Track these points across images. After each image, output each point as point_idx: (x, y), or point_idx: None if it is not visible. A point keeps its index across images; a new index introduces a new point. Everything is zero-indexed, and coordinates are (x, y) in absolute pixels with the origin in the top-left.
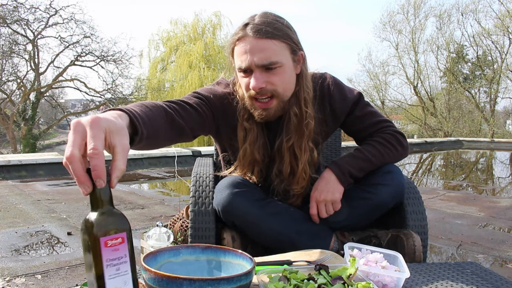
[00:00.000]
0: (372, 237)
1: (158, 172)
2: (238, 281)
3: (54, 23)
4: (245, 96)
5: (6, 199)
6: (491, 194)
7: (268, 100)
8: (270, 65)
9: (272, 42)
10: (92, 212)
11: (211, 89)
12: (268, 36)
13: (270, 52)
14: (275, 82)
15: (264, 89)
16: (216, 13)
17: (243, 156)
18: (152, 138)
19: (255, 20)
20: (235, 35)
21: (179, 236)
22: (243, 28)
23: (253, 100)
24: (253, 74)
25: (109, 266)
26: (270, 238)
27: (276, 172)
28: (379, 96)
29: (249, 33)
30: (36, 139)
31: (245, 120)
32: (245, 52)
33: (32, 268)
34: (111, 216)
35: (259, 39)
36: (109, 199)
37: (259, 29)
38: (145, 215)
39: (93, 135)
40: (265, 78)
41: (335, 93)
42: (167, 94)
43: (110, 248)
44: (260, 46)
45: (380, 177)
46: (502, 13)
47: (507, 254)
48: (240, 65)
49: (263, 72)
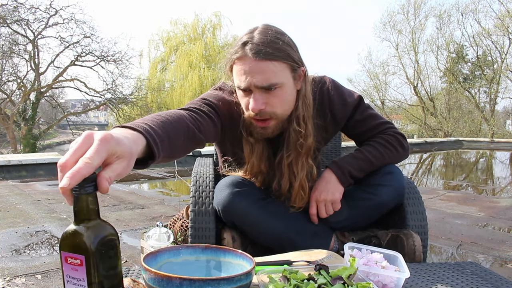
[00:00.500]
0: (372, 237)
1: (158, 172)
2: (238, 281)
3: (54, 23)
4: (245, 113)
5: (6, 199)
6: (491, 194)
7: (266, 120)
8: (269, 86)
9: (272, 64)
10: (74, 223)
11: (218, 96)
12: (268, 58)
13: (269, 74)
14: (274, 103)
15: (263, 111)
16: (216, 13)
17: (250, 169)
18: (168, 157)
19: (254, 39)
20: (234, 54)
21: (179, 236)
22: (241, 47)
23: (252, 119)
24: (252, 95)
25: (69, 283)
26: (270, 238)
27: (276, 186)
28: (379, 96)
29: (248, 54)
30: (36, 139)
31: (249, 135)
32: (244, 73)
33: (32, 268)
34: (81, 233)
35: (259, 60)
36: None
37: (259, 50)
38: (145, 215)
39: (96, 150)
40: (265, 99)
41: (335, 97)
42: (167, 94)
43: (69, 265)
44: (260, 68)
45: (381, 177)
46: (502, 13)
47: (507, 254)
48: (239, 85)
49: (262, 93)
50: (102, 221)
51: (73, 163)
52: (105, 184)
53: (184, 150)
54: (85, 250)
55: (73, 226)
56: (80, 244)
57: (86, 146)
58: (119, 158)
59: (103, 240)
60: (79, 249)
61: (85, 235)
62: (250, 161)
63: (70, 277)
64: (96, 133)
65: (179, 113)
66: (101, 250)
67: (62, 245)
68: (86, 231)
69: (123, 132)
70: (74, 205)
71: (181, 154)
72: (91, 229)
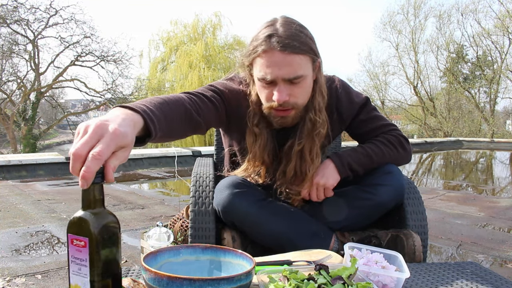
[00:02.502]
0: (372, 237)
1: (158, 172)
2: (238, 281)
3: (54, 23)
4: (264, 104)
5: (6, 199)
6: (491, 194)
7: (288, 110)
8: (295, 79)
9: (298, 57)
10: (81, 209)
11: (226, 84)
12: (295, 51)
13: (295, 67)
14: (297, 94)
15: (286, 102)
16: (216, 13)
17: (252, 159)
18: (165, 136)
19: (279, 32)
20: (258, 46)
21: (179, 236)
22: (267, 40)
23: (271, 109)
24: (277, 87)
25: (73, 263)
26: (270, 238)
27: (281, 173)
28: (379, 96)
29: (275, 47)
30: (36, 139)
31: (255, 125)
32: (272, 65)
33: (32, 268)
34: (86, 218)
35: (286, 54)
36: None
37: (286, 43)
38: (145, 215)
39: (108, 146)
40: (288, 90)
41: (342, 96)
42: (167, 94)
43: (74, 246)
44: (288, 61)
45: (380, 177)
46: (502, 13)
47: (507, 254)
48: (265, 77)
49: (286, 84)
50: (106, 210)
51: (86, 154)
52: (111, 174)
53: (182, 132)
54: (89, 233)
55: (80, 212)
56: (85, 228)
57: (97, 137)
58: (123, 147)
59: (106, 226)
60: (84, 232)
61: (89, 220)
62: (253, 151)
63: (75, 258)
64: (108, 126)
65: (178, 96)
66: (103, 235)
67: (69, 227)
68: (91, 217)
69: (123, 113)
70: (82, 193)
71: (178, 135)
72: (95, 215)
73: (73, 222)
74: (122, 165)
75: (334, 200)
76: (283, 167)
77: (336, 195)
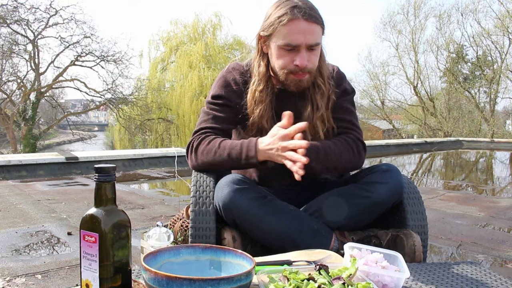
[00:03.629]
0: (372, 237)
1: (158, 172)
2: (238, 281)
3: (54, 23)
4: (282, 70)
5: (6, 199)
6: (491, 194)
7: (305, 73)
8: (315, 45)
9: (318, 27)
10: (94, 206)
11: (227, 81)
12: (316, 21)
13: (316, 35)
14: (314, 61)
15: (306, 67)
16: (216, 13)
17: (252, 124)
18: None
19: (300, 4)
20: (283, 16)
21: (179, 236)
22: (292, 10)
23: (289, 74)
24: (299, 53)
25: (84, 258)
26: (270, 236)
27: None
28: (379, 96)
29: (300, 16)
30: (36, 139)
31: (259, 92)
32: (298, 32)
33: (32, 268)
34: (97, 215)
35: (310, 23)
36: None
37: (310, 14)
38: (145, 215)
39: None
40: (307, 56)
41: (335, 78)
42: (167, 94)
43: (86, 242)
44: (311, 29)
45: (378, 175)
46: (502, 13)
47: (507, 254)
48: (290, 43)
49: (307, 51)
50: (117, 208)
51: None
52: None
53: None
54: (99, 230)
55: (93, 209)
56: (96, 224)
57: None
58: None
59: (116, 223)
60: (95, 229)
61: (100, 217)
62: (252, 117)
63: (86, 253)
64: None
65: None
66: (113, 231)
67: (82, 224)
68: (102, 214)
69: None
70: (95, 191)
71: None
72: (106, 212)
73: (85, 219)
74: (122, 165)
75: (332, 198)
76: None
77: (335, 194)
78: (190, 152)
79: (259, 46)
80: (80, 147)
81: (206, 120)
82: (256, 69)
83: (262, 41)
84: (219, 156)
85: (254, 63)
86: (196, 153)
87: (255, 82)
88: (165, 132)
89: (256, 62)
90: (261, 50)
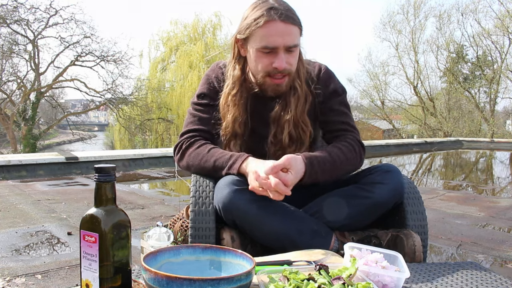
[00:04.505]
0: (372, 237)
1: (158, 172)
2: (238, 281)
3: (54, 23)
4: (259, 74)
5: (6, 199)
6: (491, 194)
7: (282, 77)
8: (293, 47)
9: (295, 28)
10: (94, 206)
11: (209, 79)
12: (293, 22)
13: (294, 36)
14: (292, 62)
15: (285, 69)
16: (216, 13)
17: (225, 129)
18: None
19: (276, 6)
20: (260, 18)
21: (179, 236)
22: (268, 12)
23: (267, 77)
24: (278, 55)
25: (84, 258)
26: (270, 236)
27: (272, 139)
28: (379, 96)
29: (276, 18)
30: (36, 139)
31: (232, 96)
32: (275, 34)
33: (32, 268)
34: (97, 215)
35: (287, 24)
36: (104, 199)
37: (286, 15)
38: (145, 215)
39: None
40: (286, 58)
41: (322, 78)
42: (167, 94)
43: (86, 242)
44: (288, 30)
45: (379, 176)
46: (502, 13)
47: (507, 254)
48: (267, 45)
49: (285, 53)
50: (117, 208)
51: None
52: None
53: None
54: (99, 230)
55: (93, 209)
56: (96, 224)
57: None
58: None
59: (116, 223)
60: (95, 229)
61: (100, 217)
62: (226, 121)
63: (86, 253)
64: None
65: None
66: (113, 231)
67: (82, 224)
68: (102, 214)
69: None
70: (95, 191)
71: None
72: (106, 212)
73: (85, 219)
74: (122, 165)
75: (333, 199)
76: (275, 134)
77: (335, 194)
78: (177, 153)
79: (236, 50)
80: (80, 147)
81: (192, 122)
82: (231, 72)
83: (239, 44)
84: (205, 162)
85: (229, 67)
86: (183, 155)
87: (229, 85)
88: (165, 132)
89: (231, 66)
90: (237, 53)
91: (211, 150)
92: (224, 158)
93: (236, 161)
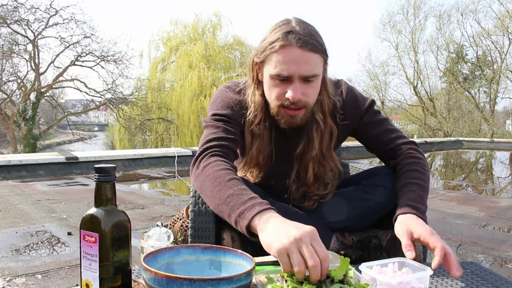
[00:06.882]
0: (372, 237)
1: (158, 172)
2: (238, 281)
3: (55, 23)
4: (273, 103)
5: (7, 199)
6: (491, 194)
7: (297, 109)
8: (311, 77)
9: (315, 56)
10: (94, 206)
11: (228, 103)
12: (313, 50)
13: (313, 65)
14: (310, 94)
15: (300, 101)
16: (216, 13)
17: (249, 161)
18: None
19: (297, 29)
20: (276, 42)
21: (179, 236)
22: (285, 36)
23: (281, 108)
24: (292, 85)
25: (84, 258)
26: None
27: (295, 178)
28: (379, 96)
29: (294, 43)
30: (36, 139)
31: (256, 125)
32: (289, 61)
33: (33, 268)
34: (97, 215)
35: (305, 50)
36: (104, 199)
37: (305, 40)
38: (145, 215)
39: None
40: (302, 89)
41: (348, 100)
42: (167, 94)
43: (86, 242)
44: (306, 58)
45: (380, 178)
46: (502, 14)
47: (507, 254)
48: (281, 73)
49: (301, 83)
50: (117, 208)
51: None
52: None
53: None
54: (99, 230)
55: (93, 209)
56: (96, 224)
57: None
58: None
59: (116, 223)
60: (95, 229)
61: (100, 217)
62: (250, 152)
63: (86, 253)
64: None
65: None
66: (113, 231)
67: (82, 224)
68: (102, 214)
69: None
70: (95, 191)
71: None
72: (106, 212)
73: (85, 219)
74: (122, 165)
75: (334, 200)
76: (298, 171)
77: (336, 196)
78: (196, 164)
79: (254, 73)
80: (80, 147)
81: (216, 132)
82: (252, 98)
83: (257, 67)
84: (218, 192)
85: (249, 92)
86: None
87: (251, 113)
88: (165, 132)
89: (251, 91)
90: (256, 77)
91: (232, 180)
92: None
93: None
